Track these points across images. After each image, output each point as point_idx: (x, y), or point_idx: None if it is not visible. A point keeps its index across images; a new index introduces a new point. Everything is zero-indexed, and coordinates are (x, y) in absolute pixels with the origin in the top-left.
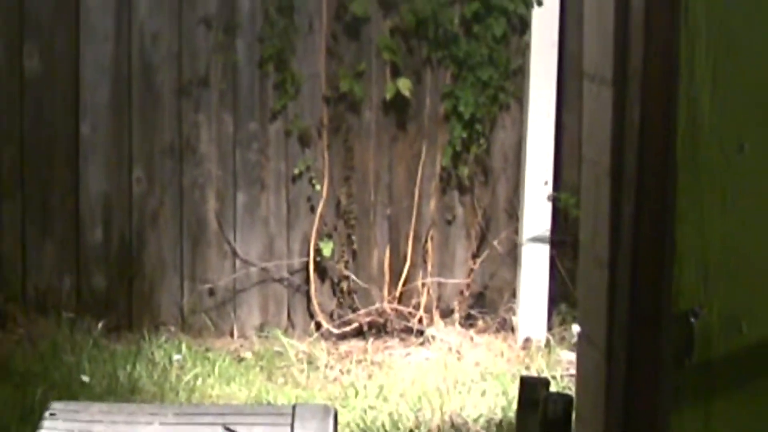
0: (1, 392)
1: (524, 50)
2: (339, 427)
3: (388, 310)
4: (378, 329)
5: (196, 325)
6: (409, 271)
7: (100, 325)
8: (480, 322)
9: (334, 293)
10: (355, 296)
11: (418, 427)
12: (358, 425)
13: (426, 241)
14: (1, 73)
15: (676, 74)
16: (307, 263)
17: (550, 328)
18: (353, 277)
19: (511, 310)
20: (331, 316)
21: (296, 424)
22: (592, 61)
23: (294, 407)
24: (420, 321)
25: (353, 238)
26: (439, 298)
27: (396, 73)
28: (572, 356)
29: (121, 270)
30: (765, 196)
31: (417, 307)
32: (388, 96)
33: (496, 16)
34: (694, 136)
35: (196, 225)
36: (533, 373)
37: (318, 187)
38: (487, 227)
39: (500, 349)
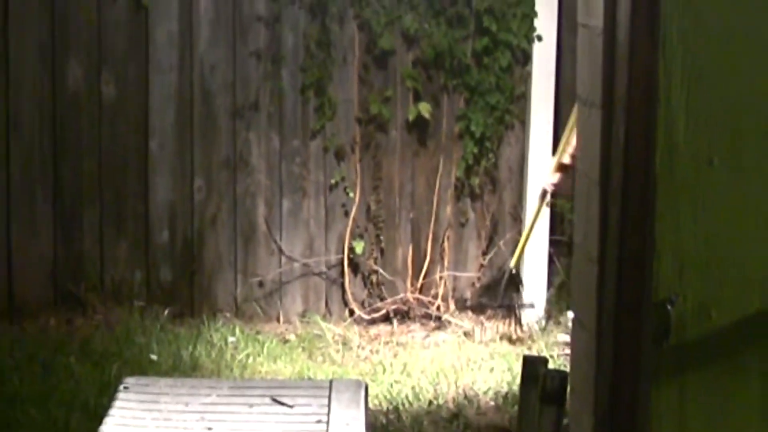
0: (82, 369)
1: (526, 79)
2: (369, 398)
3: (411, 299)
4: (402, 315)
5: (247, 312)
6: (428, 266)
7: (166, 312)
8: (489, 310)
9: (365, 285)
10: (382, 287)
11: (436, 398)
12: (385, 397)
13: (443, 241)
14: (82, 98)
15: (656, 100)
16: (342, 259)
17: (548, 315)
18: (381, 271)
19: (517, 297)
20: (362, 304)
21: (333, 396)
22: (584, 87)
23: (331, 381)
24: (438, 308)
25: (381, 238)
26: (454, 289)
27: (417, 98)
28: (567, 338)
29: (184, 265)
30: (731, 202)
31: (435, 296)
32: (411, 117)
33: (502, 50)
34: (670, 152)
35: (248, 227)
36: (534, 353)
37: (351, 194)
38: (495, 229)
39: (506, 332)
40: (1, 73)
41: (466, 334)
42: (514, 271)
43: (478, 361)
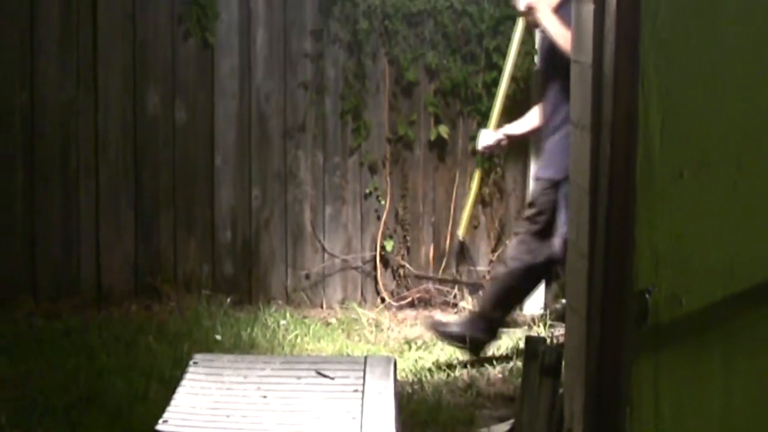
0: (159, 347)
1: (526, 101)
2: (397, 371)
3: (432, 289)
4: (425, 302)
5: (296, 300)
6: (447, 261)
7: (228, 300)
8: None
9: (394, 277)
10: (408, 279)
11: (452, 371)
12: (410, 370)
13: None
14: (159, 121)
15: (636, 123)
16: (375, 256)
17: (546, 301)
18: (407, 265)
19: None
20: (391, 293)
21: (367, 369)
22: (577, 113)
23: (366, 357)
24: (454, 297)
25: (407, 238)
26: (468, 276)
27: (437, 122)
28: (561, 322)
29: (243, 260)
30: (698, 208)
31: (453, 286)
32: (432, 138)
33: (513, 85)
34: (648, 167)
35: (296, 229)
36: (534, 334)
37: (382, 202)
38: (502, 231)
39: (511, 316)
40: (90, 99)
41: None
42: (462, 239)
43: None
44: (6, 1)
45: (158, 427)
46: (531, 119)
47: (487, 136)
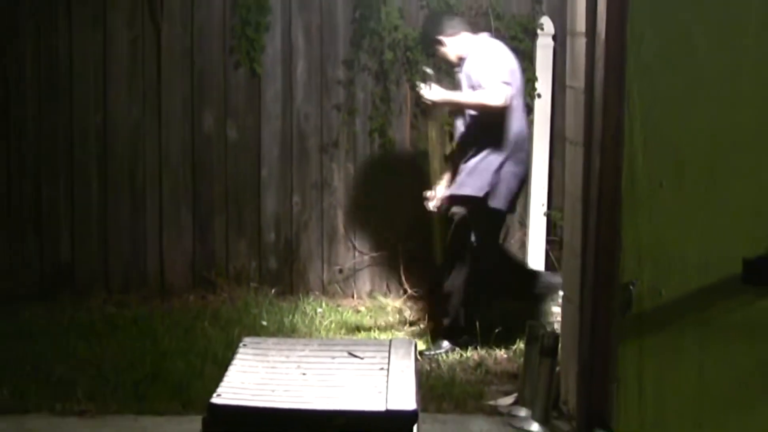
0: (213, 331)
1: (530, 124)
2: (417, 352)
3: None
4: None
5: (331, 291)
6: None
7: (272, 291)
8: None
9: (415, 270)
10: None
11: (464, 352)
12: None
13: None
14: (213, 139)
15: (622, 140)
16: (398, 253)
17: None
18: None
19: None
20: (412, 285)
21: (391, 351)
22: (571, 131)
23: (390, 340)
24: None
25: (432, 238)
26: None
27: (451, 138)
28: (558, 309)
29: (285, 257)
30: (675, 213)
31: None
32: (447, 152)
33: None
34: (632, 178)
35: (331, 230)
36: (536, 318)
37: (404, 206)
38: (507, 232)
39: (517, 303)
40: (155, 121)
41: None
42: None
43: (497, 324)
44: (83, 39)
45: (212, 400)
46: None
47: (439, 193)
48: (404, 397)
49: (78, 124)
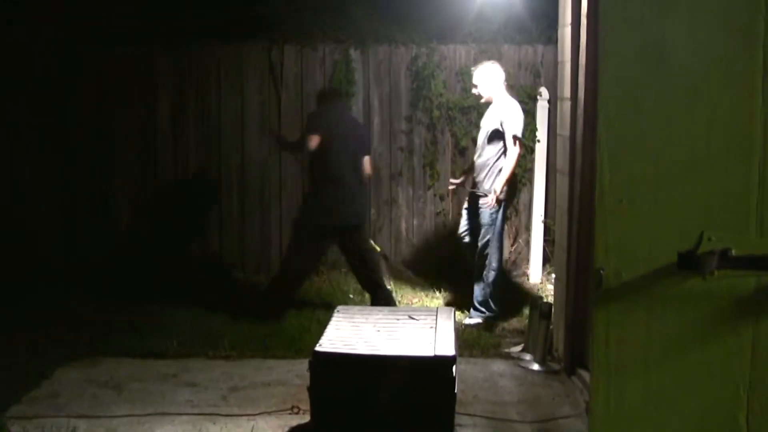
0: (317, 302)
1: (532, 162)
2: (456, 316)
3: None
4: (470, 276)
5: (400, 273)
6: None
7: None
8: (515, 272)
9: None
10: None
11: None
12: (463, 316)
13: None
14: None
15: (594, 171)
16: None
17: (543, 275)
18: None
19: (527, 267)
20: (450, 273)
21: (438, 315)
22: (559, 163)
23: (437, 308)
24: None
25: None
26: None
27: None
28: (551, 287)
29: None
30: (631, 221)
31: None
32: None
33: (524, 149)
34: (602, 196)
35: (397, 233)
36: (537, 293)
37: (447, 217)
38: (518, 234)
39: (523, 284)
40: (276, 158)
41: (503, 284)
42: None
43: (510, 297)
44: (228, 102)
45: (316, 348)
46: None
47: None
48: (446, 346)
49: (224, 161)
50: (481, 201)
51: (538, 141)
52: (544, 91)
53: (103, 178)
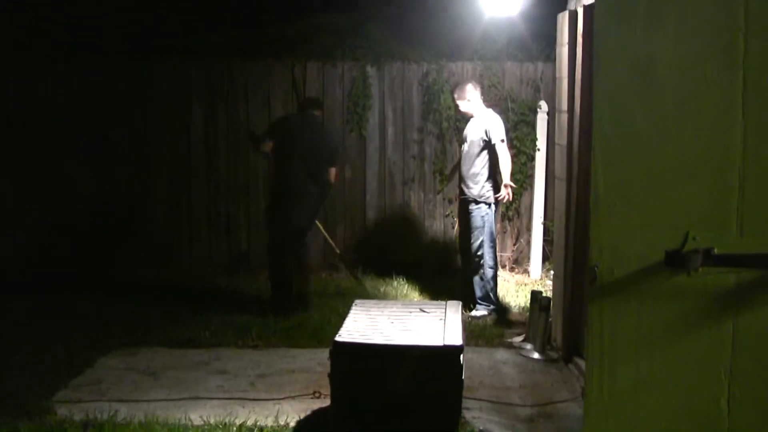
0: (337, 295)
1: (532, 168)
2: (463, 309)
3: None
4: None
5: (412, 271)
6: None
7: (373, 271)
8: (517, 269)
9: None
10: None
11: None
12: (469, 309)
13: (496, 239)
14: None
15: (589, 177)
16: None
17: (542, 272)
18: None
19: (528, 265)
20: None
21: (447, 308)
22: (558, 171)
23: (446, 302)
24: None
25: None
26: (500, 259)
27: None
28: (550, 283)
29: (381, 250)
30: (623, 222)
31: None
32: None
33: (522, 155)
34: (596, 200)
35: (409, 232)
36: (537, 288)
37: (454, 218)
38: (519, 234)
39: (524, 280)
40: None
41: (505, 280)
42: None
43: (512, 292)
44: (256, 115)
45: (336, 338)
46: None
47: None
48: (454, 337)
49: (252, 167)
50: (472, 206)
51: (538, 150)
52: (543, 104)
53: (141, 180)
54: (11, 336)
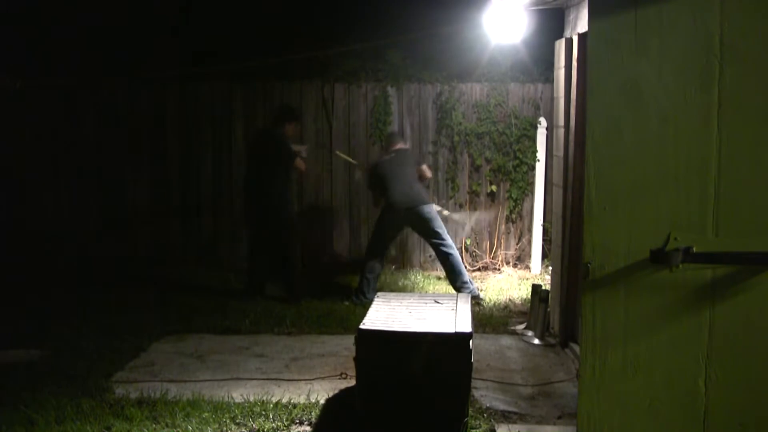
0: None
1: (533, 177)
2: (472, 300)
3: (488, 261)
4: (485, 268)
5: (425, 267)
6: (495, 249)
7: (393, 267)
8: (519, 265)
9: (470, 256)
10: (477, 257)
11: (497, 300)
12: (477, 301)
13: (500, 238)
14: (360, 183)
15: (583, 184)
16: (461, 247)
17: (542, 268)
18: (476, 250)
19: (530, 262)
20: (469, 264)
21: (458, 300)
22: (556, 179)
23: (457, 294)
24: (498, 266)
25: (477, 238)
26: (504, 257)
27: (491, 184)
28: (549, 277)
29: (402, 247)
30: (612, 225)
31: (497, 260)
32: (488, 191)
33: (523, 165)
34: (589, 204)
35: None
36: (537, 282)
37: (466, 220)
38: (521, 233)
39: (526, 275)
40: (328, 173)
41: (509, 275)
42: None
43: (515, 286)
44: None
45: (360, 326)
46: None
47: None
48: (464, 325)
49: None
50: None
51: (538, 160)
52: (543, 121)
53: (191, 189)
54: (76, 324)
